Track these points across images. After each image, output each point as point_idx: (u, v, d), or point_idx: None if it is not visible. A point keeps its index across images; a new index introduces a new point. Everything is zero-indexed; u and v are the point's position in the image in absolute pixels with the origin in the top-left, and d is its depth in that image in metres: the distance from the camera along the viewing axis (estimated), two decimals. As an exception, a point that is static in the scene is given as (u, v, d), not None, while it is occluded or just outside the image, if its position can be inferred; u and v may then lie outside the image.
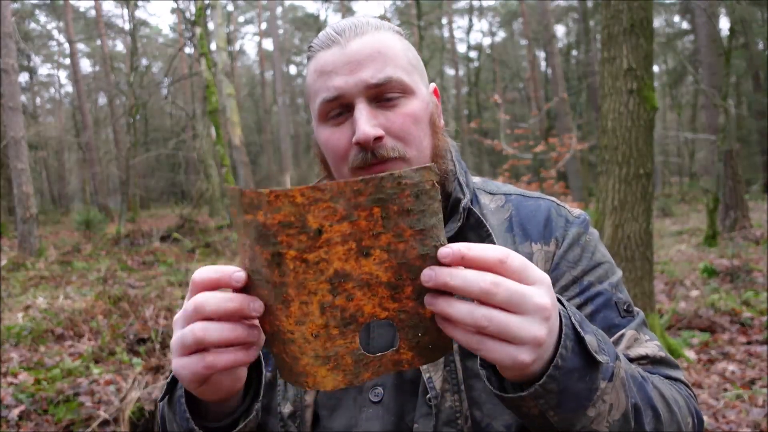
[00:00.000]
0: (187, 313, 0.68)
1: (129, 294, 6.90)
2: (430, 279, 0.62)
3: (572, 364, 0.68)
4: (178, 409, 0.81)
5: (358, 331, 0.65)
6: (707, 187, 12.77)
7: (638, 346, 0.94)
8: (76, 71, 24.98)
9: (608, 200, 4.50)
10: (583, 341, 0.69)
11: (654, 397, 0.81)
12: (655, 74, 16.16)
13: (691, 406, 0.90)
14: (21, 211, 11.40)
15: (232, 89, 15.13)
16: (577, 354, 0.68)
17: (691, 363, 4.68)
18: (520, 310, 0.62)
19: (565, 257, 0.97)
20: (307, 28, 35.91)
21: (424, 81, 1.01)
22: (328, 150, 0.96)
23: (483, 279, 0.61)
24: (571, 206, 1.06)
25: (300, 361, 0.66)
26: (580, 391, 0.69)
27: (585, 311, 0.94)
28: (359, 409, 0.94)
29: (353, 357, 0.66)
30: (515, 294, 0.62)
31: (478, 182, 1.09)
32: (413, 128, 0.94)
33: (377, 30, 0.96)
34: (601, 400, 0.71)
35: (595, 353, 0.70)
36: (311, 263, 0.61)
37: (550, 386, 0.67)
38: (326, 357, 0.65)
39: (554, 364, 0.66)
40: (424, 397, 0.91)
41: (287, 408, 0.96)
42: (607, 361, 0.72)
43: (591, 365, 0.70)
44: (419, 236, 0.63)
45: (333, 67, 0.93)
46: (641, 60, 4.42)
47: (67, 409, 3.93)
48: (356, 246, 0.61)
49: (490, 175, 23.36)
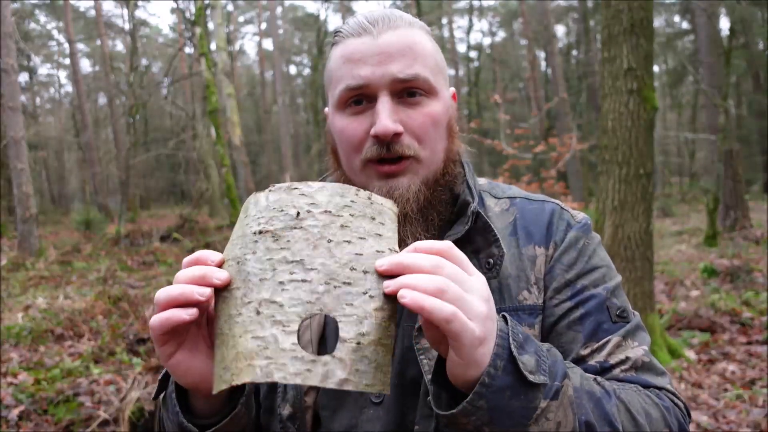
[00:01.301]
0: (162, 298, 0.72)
1: (129, 294, 6.90)
2: (383, 263, 0.67)
3: (502, 382, 0.69)
4: (169, 404, 0.83)
5: (301, 317, 0.65)
6: (707, 187, 12.78)
7: (620, 351, 0.92)
8: (76, 71, 24.97)
9: (608, 200, 4.49)
10: (515, 361, 0.70)
11: (612, 413, 0.80)
12: (655, 74, 16.15)
13: (672, 417, 0.88)
14: (21, 211, 11.40)
15: (232, 89, 15.13)
16: (510, 373, 0.69)
17: (691, 363, 4.68)
18: (464, 288, 0.68)
19: (559, 260, 0.97)
20: (307, 28, 35.90)
21: (446, 84, 1.01)
22: (344, 138, 0.95)
23: (430, 258, 0.67)
24: (574, 210, 1.06)
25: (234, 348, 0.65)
26: (515, 409, 0.70)
27: (575, 314, 0.94)
28: (360, 409, 0.94)
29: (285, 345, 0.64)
30: (458, 274, 0.68)
31: (484, 185, 1.09)
32: (431, 130, 0.94)
33: (410, 26, 0.96)
34: (544, 418, 0.71)
35: (530, 373, 0.70)
36: (282, 241, 0.68)
37: (478, 403, 0.68)
38: (261, 338, 0.64)
39: (480, 381, 0.68)
40: (426, 398, 0.90)
41: (286, 410, 0.95)
42: (544, 382, 0.71)
43: (525, 385, 0.70)
44: (378, 238, 0.71)
45: (362, 56, 0.92)
46: (641, 60, 4.42)
47: (66, 409, 3.92)
48: (323, 232, 0.68)
49: (490, 175, 23.36)
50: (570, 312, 0.94)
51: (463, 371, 0.69)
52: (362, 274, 0.67)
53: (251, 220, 0.71)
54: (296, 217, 0.69)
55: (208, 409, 0.82)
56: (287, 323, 0.64)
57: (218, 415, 0.82)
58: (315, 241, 0.68)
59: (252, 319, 0.65)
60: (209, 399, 0.80)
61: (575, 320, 0.93)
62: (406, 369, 0.93)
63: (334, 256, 0.67)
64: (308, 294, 0.66)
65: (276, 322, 0.64)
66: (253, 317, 0.65)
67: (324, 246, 0.68)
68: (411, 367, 0.93)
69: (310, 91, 29.00)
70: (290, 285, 0.66)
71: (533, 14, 24.33)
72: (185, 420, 0.81)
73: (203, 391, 0.78)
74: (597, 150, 4.84)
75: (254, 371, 0.63)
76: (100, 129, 30.74)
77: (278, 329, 0.64)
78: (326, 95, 1.02)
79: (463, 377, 0.69)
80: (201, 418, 0.82)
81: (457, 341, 0.66)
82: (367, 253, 0.69)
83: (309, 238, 0.68)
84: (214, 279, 0.69)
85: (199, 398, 0.81)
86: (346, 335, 0.65)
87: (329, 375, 0.63)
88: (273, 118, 34.31)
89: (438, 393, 0.74)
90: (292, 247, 0.67)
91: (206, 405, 0.82)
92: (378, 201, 0.73)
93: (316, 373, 0.63)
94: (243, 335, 0.65)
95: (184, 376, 0.76)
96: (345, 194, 0.71)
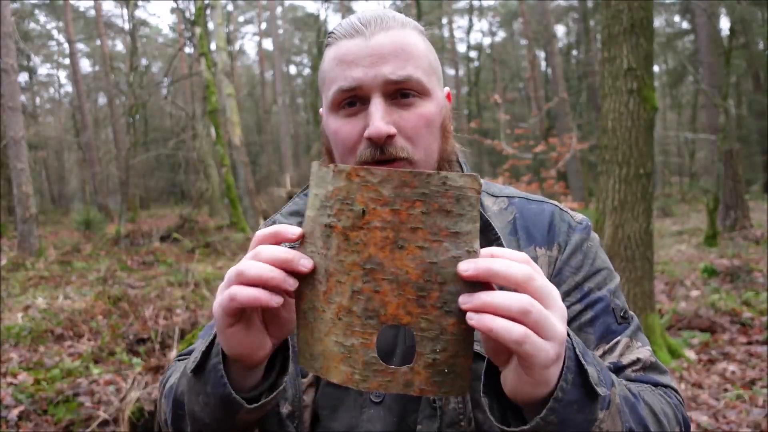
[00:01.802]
0: (245, 259, 0.72)
1: (129, 294, 6.90)
2: (468, 268, 0.63)
3: (572, 396, 0.68)
4: (212, 375, 0.79)
5: (377, 329, 0.66)
6: (707, 187, 12.77)
7: (630, 353, 0.95)
8: (76, 71, 24.97)
9: (608, 200, 4.49)
10: (586, 374, 0.69)
11: (645, 416, 0.82)
12: (655, 74, 16.14)
13: (679, 414, 0.91)
14: (21, 211, 11.40)
15: (232, 89, 15.12)
16: (578, 386, 0.69)
17: (692, 363, 4.67)
18: (547, 305, 0.65)
19: (568, 263, 0.98)
20: (307, 28, 35.90)
21: (440, 84, 1.01)
22: (338, 140, 0.95)
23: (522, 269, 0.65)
24: (572, 210, 1.07)
25: (320, 342, 0.69)
26: (580, 422, 0.69)
27: (585, 317, 0.95)
28: (360, 409, 0.94)
29: (366, 357, 0.66)
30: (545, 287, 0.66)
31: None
32: (425, 131, 0.94)
33: (403, 27, 0.95)
34: (598, 429, 0.71)
35: (596, 386, 0.70)
36: (352, 242, 0.65)
37: (550, 418, 0.67)
38: (343, 345, 0.67)
39: (554, 396, 0.67)
40: (429, 399, 0.90)
41: (286, 408, 0.95)
42: (606, 394, 0.72)
43: (590, 397, 0.70)
44: (454, 239, 0.64)
45: (354, 58, 0.92)
46: (641, 60, 4.42)
47: (66, 410, 3.92)
48: (393, 236, 0.64)
49: (490, 175, 23.35)
50: (580, 315, 0.95)
51: (530, 390, 0.67)
52: (437, 285, 0.64)
53: (323, 205, 0.68)
54: (362, 216, 0.65)
55: (245, 382, 0.81)
56: (364, 336, 0.66)
57: (255, 389, 0.82)
58: (384, 245, 0.64)
59: (334, 321, 0.67)
60: (251, 371, 0.80)
61: (586, 322, 0.95)
62: None
63: (406, 265, 0.64)
64: (382, 306, 0.65)
65: (355, 332, 0.66)
66: (335, 320, 0.67)
67: (396, 251, 0.64)
68: None
69: (310, 91, 29.01)
70: (363, 295, 0.65)
71: (533, 14, 24.33)
72: (232, 390, 0.78)
73: (248, 362, 0.77)
74: (597, 150, 4.84)
75: (341, 375, 0.67)
76: (100, 129, 30.74)
77: (358, 340, 0.66)
78: (320, 97, 1.02)
79: (530, 395, 0.68)
80: (237, 392, 0.81)
81: (529, 362, 0.64)
82: (442, 260, 0.64)
83: (378, 243, 0.64)
84: (300, 266, 0.69)
85: (241, 370, 0.80)
86: (423, 350, 0.65)
87: (409, 384, 0.66)
88: (273, 118, 34.31)
89: (491, 405, 0.73)
90: (362, 251, 0.65)
91: (245, 377, 0.80)
92: (455, 184, 0.64)
93: (397, 383, 0.66)
94: (327, 335, 0.68)
95: (237, 346, 0.75)
96: (411, 183, 0.63)
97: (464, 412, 0.90)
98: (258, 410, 0.80)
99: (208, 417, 0.82)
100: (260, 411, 0.81)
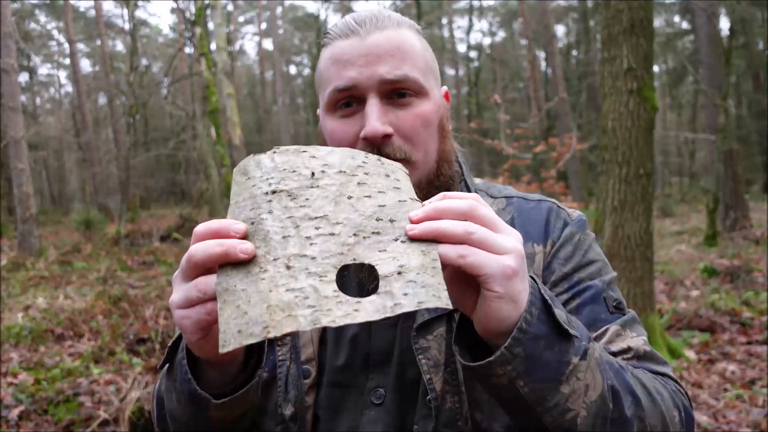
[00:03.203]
0: (183, 267, 0.70)
1: (129, 294, 6.90)
2: (418, 213, 0.68)
3: (538, 330, 0.69)
4: (179, 372, 0.78)
5: (336, 267, 0.64)
6: (707, 187, 12.78)
7: (621, 341, 0.91)
8: (76, 71, 24.97)
9: (608, 200, 4.49)
10: (551, 309, 0.71)
11: (633, 384, 0.81)
12: (655, 74, 16.13)
13: (678, 400, 0.88)
14: (21, 211, 11.40)
15: (232, 89, 15.12)
16: (544, 322, 0.70)
17: (691, 363, 4.68)
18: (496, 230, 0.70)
19: (557, 255, 0.97)
20: (307, 28, 35.90)
21: (437, 83, 1.00)
22: (334, 141, 0.94)
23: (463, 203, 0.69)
24: (570, 208, 1.06)
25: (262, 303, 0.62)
26: (549, 360, 0.70)
27: (572, 304, 0.93)
28: (361, 411, 0.94)
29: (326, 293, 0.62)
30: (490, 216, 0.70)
31: (480, 184, 1.08)
32: (422, 131, 0.93)
33: (398, 26, 0.95)
34: (575, 377, 0.71)
35: (563, 323, 0.71)
36: (300, 199, 0.69)
37: (515, 350, 0.68)
38: (297, 290, 0.62)
39: (517, 326, 0.68)
40: (425, 398, 0.90)
41: (288, 410, 0.94)
42: (576, 335, 0.72)
43: (559, 335, 0.71)
44: (397, 191, 0.72)
45: (349, 57, 0.91)
46: (641, 60, 4.42)
47: (67, 409, 3.92)
48: (342, 190, 0.70)
49: (490, 175, 23.36)
50: (567, 303, 0.94)
51: (498, 316, 0.68)
52: (389, 223, 0.68)
53: (258, 181, 0.70)
54: (311, 177, 0.70)
55: (220, 378, 0.79)
56: (324, 274, 0.64)
57: (230, 386, 0.80)
58: (335, 198, 0.69)
59: (282, 273, 0.64)
60: (224, 366, 0.78)
61: (572, 310, 0.93)
62: (406, 370, 0.93)
63: (357, 210, 0.68)
64: (339, 246, 0.66)
65: (311, 273, 0.64)
66: (283, 272, 0.64)
67: (345, 202, 0.69)
68: (410, 367, 0.93)
69: (310, 91, 29.02)
70: (318, 239, 0.66)
71: (533, 14, 24.32)
72: (197, 386, 0.77)
73: (219, 363, 0.76)
74: (597, 150, 4.85)
75: (297, 321, 0.60)
76: (100, 129, 30.73)
77: (315, 280, 0.63)
78: (317, 97, 1.01)
79: (498, 325, 0.68)
80: (212, 389, 0.79)
81: (482, 276, 0.66)
82: (390, 203, 0.70)
83: (328, 195, 0.69)
84: (239, 254, 0.65)
85: (213, 366, 0.78)
86: (386, 271, 0.64)
87: (379, 308, 0.61)
88: (273, 118, 34.33)
89: (463, 354, 0.74)
90: (312, 204, 0.68)
91: (219, 374, 0.79)
92: (388, 162, 0.75)
93: (365, 309, 0.61)
94: (273, 290, 0.62)
95: (208, 351, 0.72)
96: (355, 156, 0.73)
97: (461, 411, 0.89)
98: (229, 406, 0.78)
99: (183, 415, 0.81)
100: (232, 407, 0.79)
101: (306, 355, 0.97)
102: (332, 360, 0.97)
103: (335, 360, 0.97)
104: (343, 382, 0.96)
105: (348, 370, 0.96)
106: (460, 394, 0.90)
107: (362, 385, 0.95)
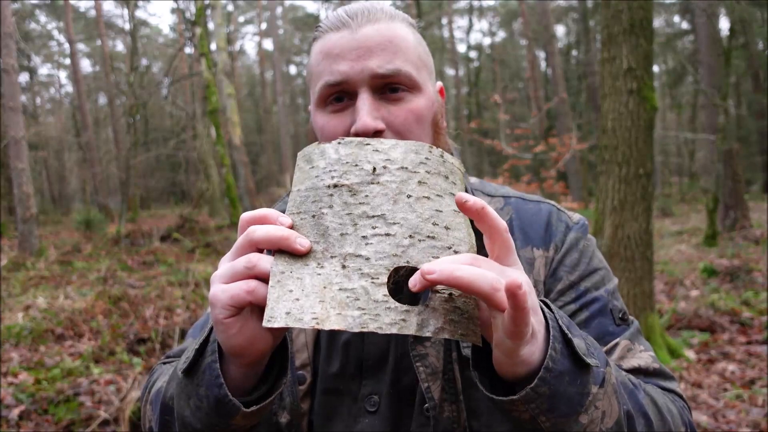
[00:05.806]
0: (237, 245, 0.70)
1: (129, 294, 6.90)
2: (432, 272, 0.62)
3: (562, 366, 0.66)
4: (206, 375, 0.73)
5: (389, 269, 0.66)
6: (707, 187, 12.78)
7: (632, 357, 0.92)
8: (76, 71, 24.97)
9: (608, 200, 4.50)
10: (571, 343, 0.68)
11: (646, 405, 0.80)
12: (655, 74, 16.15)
13: (685, 416, 0.88)
14: (21, 211, 11.40)
15: (232, 89, 15.13)
16: (566, 357, 0.67)
17: (691, 363, 4.68)
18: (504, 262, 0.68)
19: (563, 262, 0.96)
20: (307, 28, 35.88)
21: (431, 78, 0.97)
22: (324, 137, 0.91)
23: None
24: (570, 211, 1.05)
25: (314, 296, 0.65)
26: (572, 395, 0.68)
27: (580, 317, 0.92)
28: (355, 418, 0.92)
29: (377, 297, 0.64)
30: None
31: (476, 183, 1.07)
32: (415, 126, 0.90)
33: (391, 19, 0.92)
34: (593, 406, 0.70)
35: (584, 356, 0.68)
36: (360, 195, 0.68)
37: (541, 389, 0.65)
38: (349, 290, 0.65)
39: (544, 365, 0.65)
40: (422, 407, 0.88)
41: (284, 417, 0.92)
42: (597, 365, 0.70)
43: (581, 368, 0.68)
44: (452, 198, 0.70)
45: (340, 51, 0.88)
46: (641, 60, 4.42)
47: (67, 409, 3.93)
48: (402, 188, 0.69)
49: (490, 175, 23.35)
50: (575, 315, 0.93)
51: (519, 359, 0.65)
52: (444, 230, 0.68)
53: (321, 173, 0.70)
54: (372, 173, 0.69)
55: (242, 383, 0.75)
56: (376, 276, 0.65)
57: (252, 393, 0.76)
58: (394, 196, 0.68)
59: (337, 272, 0.66)
60: (250, 369, 0.73)
61: (580, 323, 0.92)
62: (401, 377, 0.91)
63: (415, 210, 0.68)
64: (393, 248, 0.66)
65: (364, 274, 0.65)
66: (338, 271, 0.66)
67: (404, 201, 0.68)
68: (406, 375, 0.91)
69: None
70: (374, 239, 0.66)
71: (533, 14, 24.32)
72: (228, 392, 0.71)
73: (248, 357, 0.71)
74: (597, 150, 4.85)
75: (346, 320, 0.63)
76: (100, 129, 30.74)
77: (367, 281, 0.65)
78: (308, 93, 0.99)
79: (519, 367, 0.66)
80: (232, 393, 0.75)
81: (516, 305, 0.61)
82: (446, 210, 0.69)
83: (388, 193, 0.68)
84: (297, 245, 0.66)
85: (239, 368, 0.73)
86: (437, 287, 0.65)
87: (425, 324, 0.63)
88: (273, 118, 34.32)
89: (482, 380, 0.71)
90: (371, 201, 0.68)
91: (243, 377, 0.74)
92: (449, 160, 0.73)
93: (411, 322, 0.63)
94: (328, 287, 0.65)
95: (237, 335, 0.68)
96: (419, 151, 0.71)
97: (458, 420, 0.87)
98: (255, 415, 0.74)
99: (200, 422, 0.75)
100: (256, 416, 0.75)
101: (301, 360, 0.95)
102: (326, 366, 0.95)
103: (329, 366, 0.94)
104: (336, 389, 0.93)
105: (341, 376, 0.93)
106: (459, 403, 0.88)
107: (356, 392, 0.93)
